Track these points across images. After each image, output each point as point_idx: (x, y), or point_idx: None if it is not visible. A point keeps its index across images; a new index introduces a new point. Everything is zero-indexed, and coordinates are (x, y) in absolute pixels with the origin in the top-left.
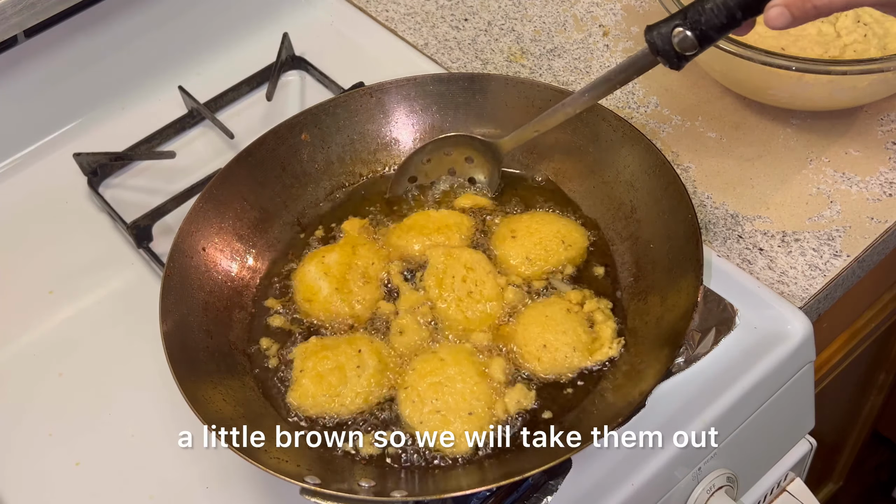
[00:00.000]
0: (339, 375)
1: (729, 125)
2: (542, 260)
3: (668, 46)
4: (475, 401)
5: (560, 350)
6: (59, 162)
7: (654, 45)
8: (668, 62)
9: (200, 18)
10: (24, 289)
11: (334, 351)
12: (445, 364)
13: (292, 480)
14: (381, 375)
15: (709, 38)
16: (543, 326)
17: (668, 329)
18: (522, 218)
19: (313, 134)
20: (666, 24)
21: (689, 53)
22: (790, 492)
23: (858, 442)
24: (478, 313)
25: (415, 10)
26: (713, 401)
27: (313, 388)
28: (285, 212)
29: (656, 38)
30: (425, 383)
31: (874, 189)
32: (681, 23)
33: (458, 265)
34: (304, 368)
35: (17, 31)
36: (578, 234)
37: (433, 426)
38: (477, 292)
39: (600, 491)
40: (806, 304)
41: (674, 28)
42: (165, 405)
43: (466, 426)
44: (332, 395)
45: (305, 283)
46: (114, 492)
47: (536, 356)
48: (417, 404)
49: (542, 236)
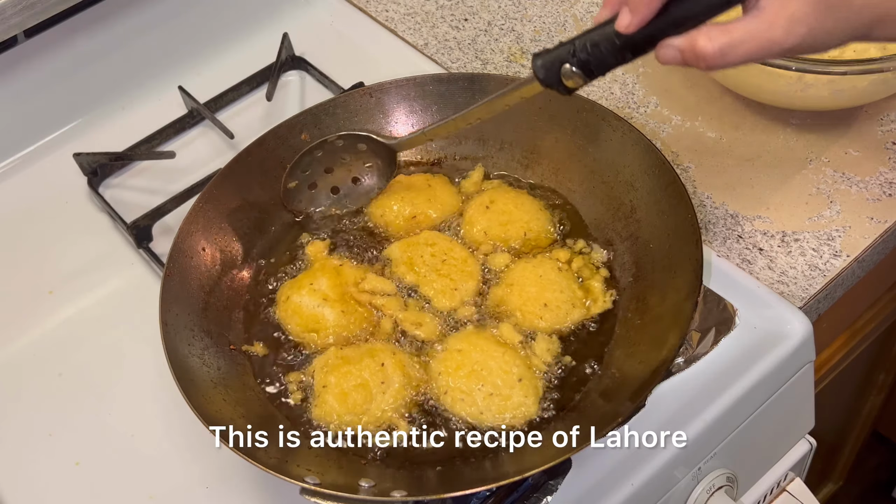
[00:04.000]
0: (365, 393)
1: (729, 125)
2: (499, 239)
3: (555, 80)
4: (515, 367)
5: (561, 308)
6: (59, 162)
7: (540, 78)
8: (556, 90)
9: (200, 18)
10: (24, 289)
11: (357, 366)
12: (465, 353)
13: (292, 480)
14: (405, 391)
15: (596, 75)
16: (541, 286)
17: (668, 329)
18: (501, 194)
19: (313, 134)
20: (553, 58)
21: (576, 87)
22: (790, 492)
23: (858, 442)
24: (462, 274)
25: (415, 10)
26: (713, 401)
27: (338, 405)
28: (285, 212)
29: (541, 72)
30: (461, 378)
31: (874, 189)
32: (568, 59)
33: (418, 246)
34: (326, 384)
35: (17, 31)
36: (542, 228)
37: (495, 409)
38: (449, 258)
39: (600, 491)
40: (806, 304)
41: (561, 65)
42: (165, 405)
43: (523, 392)
44: (357, 414)
45: (304, 314)
46: (114, 492)
47: (539, 315)
48: (467, 399)
49: (509, 218)
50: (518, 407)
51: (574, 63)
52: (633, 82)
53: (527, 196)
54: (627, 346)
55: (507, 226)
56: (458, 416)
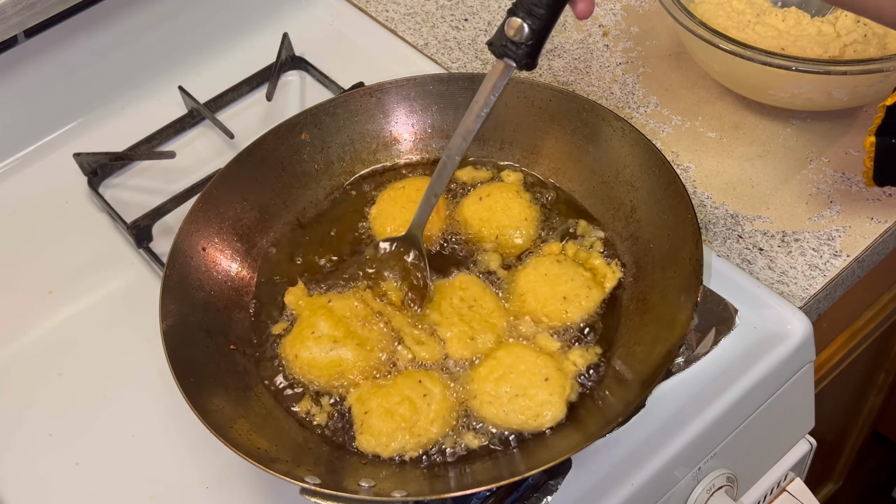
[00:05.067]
0: (410, 406)
1: (729, 125)
2: (477, 234)
3: (505, 41)
4: (543, 368)
5: (580, 294)
6: (59, 162)
7: (493, 45)
8: (514, 60)
9: (200, 18)
10: (24, 289)
11: (396, 387)
12: (499, 360)
13: (292, 480)
14: (446, 402)
15: (540, 20)
16: (551, 284)
17: (668, 329)
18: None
19: (313, 134)
20: (502, 24)
21: (527, 43)
22: (790, 492)
23: (858, 442)
24: (484, 326)
25: (415, 10)
26: (713, 401)
27: (384, 425)
28: (285, 212)
29: (494, 40)
30: (491, 383)
31: (874, 189)
32: (512, 10)
33: (451, 289)
34: (368, 410)
35: (17, 31)
36: (523, 236)
37: (519, 409)
38: (477, 306)
39: (600, 491)
40: (806, 304)
41: (505, 22)
42: (165, 405)
43: (549, 390)
44: (406, 428)
45: (321, 365)
46: (114, 492)
47: (563, 309)
48: (494, 402)
49: (490, 216)
50: (542, 406)
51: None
52: (633, 82)
53: (522, 203)
54: (627, 345)
55: (484, 223)
56: (488, 419)
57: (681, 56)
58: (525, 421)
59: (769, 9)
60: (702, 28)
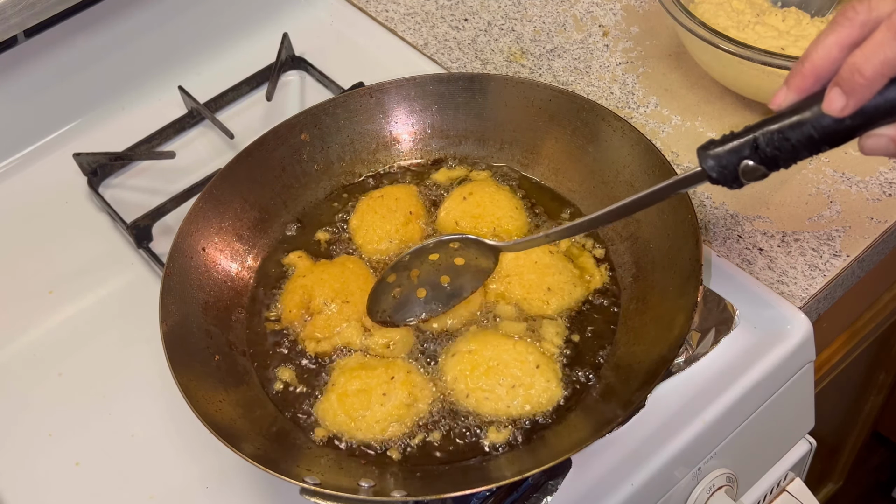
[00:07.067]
0: (363, 399)
1: (729, 125)
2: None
3: (731, 178)
4: (529, 356)
5: (564, 289)
6: (59, 162)
7: (713, 177)
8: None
9: (200, 18)
10: (24, 289)
11: (369, 372)
12: (477, 353)
13: (292, 480)
14: (404, 409)
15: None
16: (539, 272)
17: (668, 329)
18: (481, 188)
19: (313, 134)
20: (730, 154)
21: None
22: (790, 492)
23: (858, 442)
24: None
25: (415, 10)
26: (713, 401)
27: (337, 405)
28: (285, 212)
29: (715, 170)
30: (478, 378)
31: (874, 189)
32: (750, 155)
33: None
34: (335, 383)
35: (17, 31)
36: (514, 227)
37: (521, 400)
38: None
39: (600, 491)
40: (806, 304)
41: (740, 161)
42: (165, 405)
43: (543, 376)
44: (352, 418)
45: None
46: (114, 492)
47: (545, 300)
48: (492, 397)
49: (482, 212)
50: (543, 393)
51: (757, 159)
52: (633, 82)
53: (505, 193)
54: (627, 345)
55: (478, 219)
56: (488, 415)
57: (681, 56)
58: (530, 410)
59: (769, 9)
60: (702, 28)
